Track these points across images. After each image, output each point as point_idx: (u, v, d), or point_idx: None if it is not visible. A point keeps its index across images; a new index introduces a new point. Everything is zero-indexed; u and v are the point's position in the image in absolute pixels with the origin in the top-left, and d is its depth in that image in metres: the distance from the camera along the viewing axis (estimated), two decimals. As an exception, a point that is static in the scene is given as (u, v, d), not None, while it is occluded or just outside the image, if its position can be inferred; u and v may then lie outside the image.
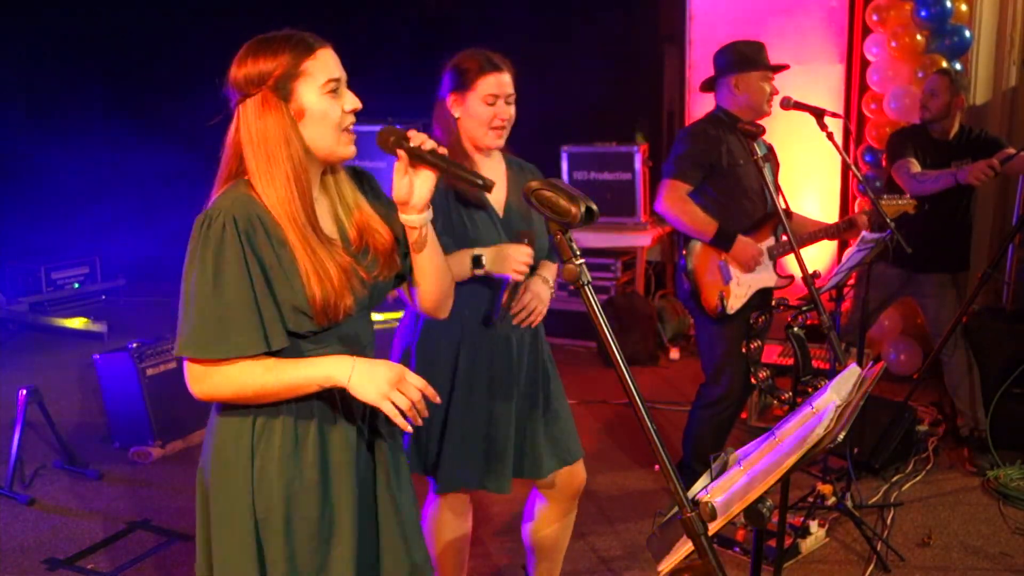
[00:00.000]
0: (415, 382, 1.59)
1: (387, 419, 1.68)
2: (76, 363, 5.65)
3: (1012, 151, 3.75)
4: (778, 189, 3.34)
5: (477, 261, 2.25)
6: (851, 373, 1.61)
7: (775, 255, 3.37)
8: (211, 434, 1.70)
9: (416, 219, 1.69)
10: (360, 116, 1.69)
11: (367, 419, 1.75)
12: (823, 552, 3.27)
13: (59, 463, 4.12)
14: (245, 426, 1.64)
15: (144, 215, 8.04)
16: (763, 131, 2.66)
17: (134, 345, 4.28)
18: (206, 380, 1.58)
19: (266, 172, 1.58)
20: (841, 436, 1.44)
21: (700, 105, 5.40)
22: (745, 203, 3.37)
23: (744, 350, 2.65)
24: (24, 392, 3.94)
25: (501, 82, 2.30)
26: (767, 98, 3.33)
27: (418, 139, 1.63)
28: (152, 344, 4.33)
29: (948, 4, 4.73)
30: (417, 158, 1.63)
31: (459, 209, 2.31)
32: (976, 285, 3.80)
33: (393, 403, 1.56)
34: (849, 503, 3.46)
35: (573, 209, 1.36)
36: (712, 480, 1.40)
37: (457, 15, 7.52)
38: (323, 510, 1.66)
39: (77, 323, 6.52)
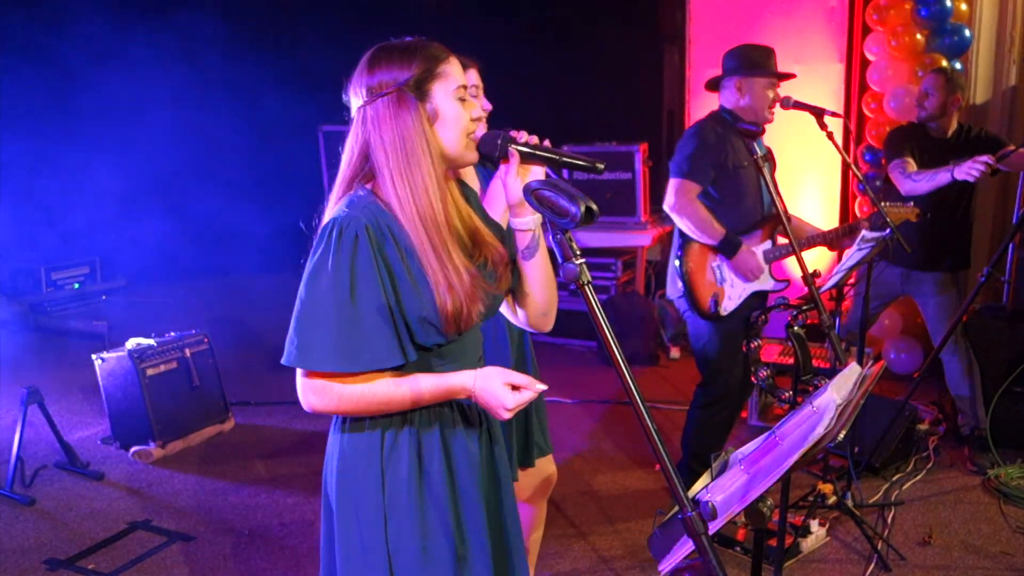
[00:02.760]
0: (519, 400, 1.55)
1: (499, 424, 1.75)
2: (76, 363, 5.65)
3: (1011, 148, 3.75)
4: (777, 191, 3.34)
5: None
6: (851, 372, 1.61)
7: (772, 258, 3.37)
8: (335, 456, 1.66)
9: (531, 220, 1.65)
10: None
11: (485, 424, 1.74)
12: (824, 551, 3.27)
13: (59, 463, 4.12)
14: (374, 450, 1.61)
15: (144, 216, 8.04)
16: (763, 131, 2.65)
17: (134, 345, 4.28)
18: (330, 394, 1.53)
19: (404, 171, 1.55)
20: (841, 435, 1.44)
21: (700, 105, 5.40)
22: (745, 205, 3.37)
23: (744, 349, 2.65)
24: (24, 392, 3.94)
25: (476, 75, 2.33)
26: (770, 104, 3.32)
27: (523, 136, 1.62)
28: (152, 344, 4.32)
29: (948, 3, 4.73)
30: (529, 156, 1.60)
31: None
32: (976, 285, 3.80)
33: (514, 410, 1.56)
34: (850, 502, 3.46)
35: (573, 209, 1.36)
36: (712, 480, 1.40)
37: (456, 15, 7.52)
38: (458, 537, 1.64)
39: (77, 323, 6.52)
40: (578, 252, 1.37)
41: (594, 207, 1.37)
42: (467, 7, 7.55)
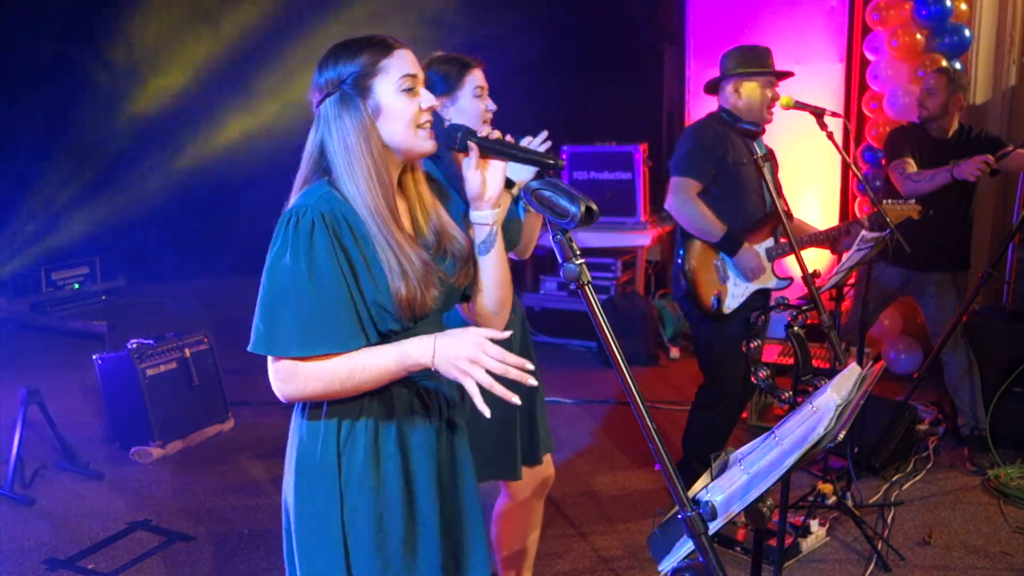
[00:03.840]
0: (493, 352, 1.49)
1: (461, 413, 1.73)
2: (76, 363, 5.65)
3: (1010, 148, 3.75)
4: (779, 190, 3.34)
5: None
6: (851, 372, 1.61)
7: (774, 256, 3.37)
8: (294, 442, 1.69)
9: (489, 215, 1.68)
10: None
11: (445, 415, 1.74)
12: (824, 551, 3.27)
13: (59, 463, 4.12)
14: (330, 434, 1.63)
15: (144, 216, 8.05)
16: (763, 131, 2.65)
17: (134, 345, 4.28)
18: (297, 378, 1.56)
19: (348, 168, 1.59)
20: (841, 435, 1.44)
21: (700, 105, 5.40)
22: (747, 203, 3.37)
23: (744, 349, 2.65)
24: (24, 392, 3.94)
25: (481, 75, 2.34)
26: (768, 104, 3.32)
27: (484, 130, 1.64)
28: (152, 344, 4.32)
29: (948, 3, 4.73)
30: (488, 150, 1.62)
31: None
32: (976, 285, 3.80)
33: (476, 379, 1.49)
34: (849, 502, 3.46)
35: (573, 209, 1.36)
36: (712, 480, 1.40)
37: (455, 15, 7.52)
38: (409, 520, 1.65)
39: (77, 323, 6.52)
40: (578, 252, 1.37)
41: (594, 207, 1.36)
42: (467, 7, 7.54)
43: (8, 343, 6.39)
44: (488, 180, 1.65)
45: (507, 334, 1.53)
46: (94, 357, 4.33)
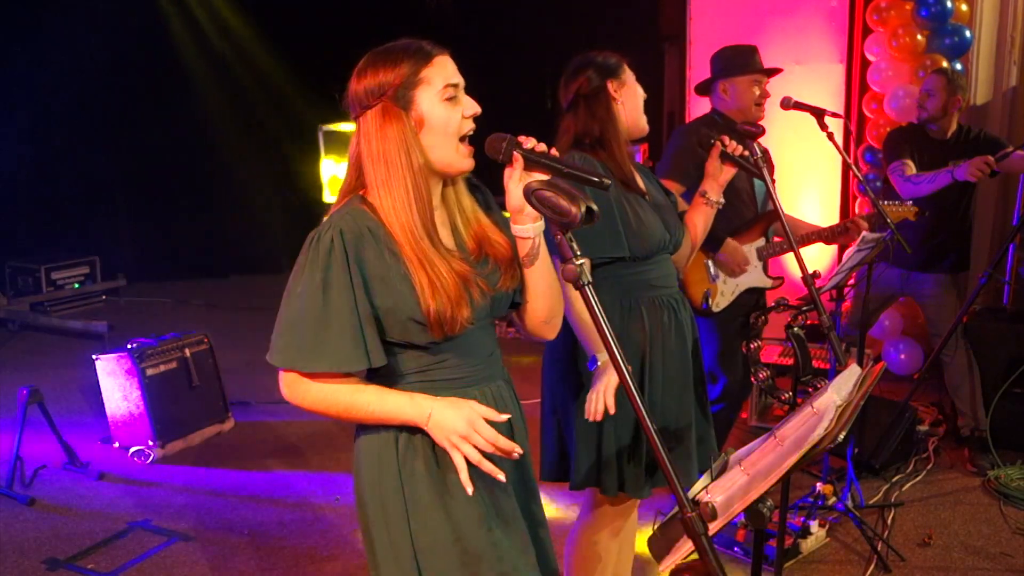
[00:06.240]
0: (486, 434, 1.54)
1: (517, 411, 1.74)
2: (76, 363, 5.65)
3: (1010, 149, 3.75)
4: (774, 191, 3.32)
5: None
6: (851, 373, 1.61)
7: (765, 256, 3.37)
8: (357, 456, 1.69)
9: (530, 228, 1.62)
10: None
11: (511, 417, 1.72)
12: (823, 552, 3.27)
13: (59, 463, 4.12)
14: (388, 448, 1.62)
15: (144, 216, 8.05)
16: (763, 132, 2.65)
17: (134, 345, 4.28)
18: (297, 389, 1.59)
19: (385, 183, 1.57)
20: (841, 436, 1.44)
21: (701, 105, 5.40)
22: (737, 204, 3.37)
23: (744, 350, 2.65)
24: (24, 392, 3.94)
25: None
26: (755, 101, 3.31)
27: (530, 142, 1.58)
28: (152, 344, 4.32)
29: (948, 4, 4.73)
30: (533, 163, 1.56)
31: (624, 199, 2.35)
32: (976, 286, 3.80)
33: (464, 454, 1.54)
34: (849, 503, 3.46)
35: (573, 209, 1.35)
36: (712, 480, 1.40)
37: (456, 14, 7.53)
38: (492, 523, 1.63)
39: (78, 323, 6.52)
40: (579, 252, 1.37)
41: (595, 207, 1.36)
42: (467, 7, 7.55)
43: (8, 343, 6.39)
44: None
45: (504, 417, 1.58)
46: (94, 357, 4.33)
